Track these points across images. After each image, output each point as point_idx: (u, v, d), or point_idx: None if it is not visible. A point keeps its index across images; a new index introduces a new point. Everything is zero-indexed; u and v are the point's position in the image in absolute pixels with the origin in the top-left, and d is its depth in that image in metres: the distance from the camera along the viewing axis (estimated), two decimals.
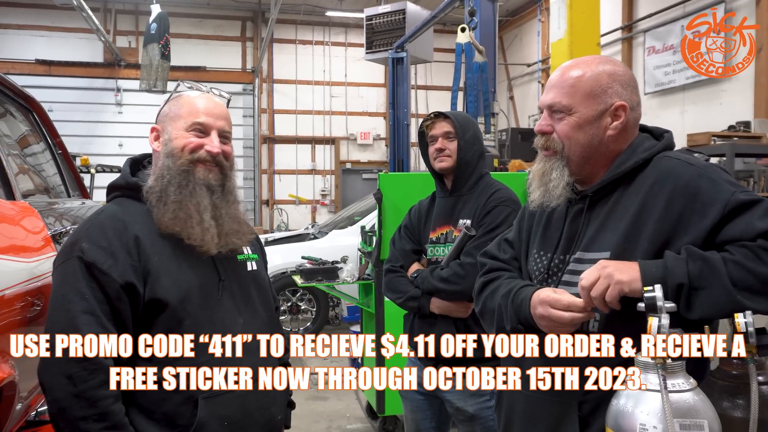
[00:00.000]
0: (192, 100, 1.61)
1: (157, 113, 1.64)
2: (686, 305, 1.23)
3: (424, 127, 2.44)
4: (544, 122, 1.48)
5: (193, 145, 1.56)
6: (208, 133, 1.58)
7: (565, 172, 1.45)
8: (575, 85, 1.44)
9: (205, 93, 1.66)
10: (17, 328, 1.60)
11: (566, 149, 1.45)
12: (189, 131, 1.57)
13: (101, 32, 10.84)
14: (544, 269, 1.51)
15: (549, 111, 1.47)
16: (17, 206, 1.91)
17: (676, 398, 1.10)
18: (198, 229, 1.52)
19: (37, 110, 2.79)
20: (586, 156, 1.45)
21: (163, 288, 1.45)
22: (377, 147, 14.19)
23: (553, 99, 1.46)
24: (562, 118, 1.45)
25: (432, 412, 2.44)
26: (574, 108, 1.43)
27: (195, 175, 1.55)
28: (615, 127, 1.43)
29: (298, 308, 6.99)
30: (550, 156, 1.48)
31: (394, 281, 2.43)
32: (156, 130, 1.61)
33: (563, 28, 4.39)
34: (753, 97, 7.97)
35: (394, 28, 7.60)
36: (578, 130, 1.44)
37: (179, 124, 1.57)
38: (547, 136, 1.48)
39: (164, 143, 1.58)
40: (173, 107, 1.60)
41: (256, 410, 1.55)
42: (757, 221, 1.24)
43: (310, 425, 4.33)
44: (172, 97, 1.63)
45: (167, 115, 1.60)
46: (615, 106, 1.43)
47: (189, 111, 1.58)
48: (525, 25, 13.62)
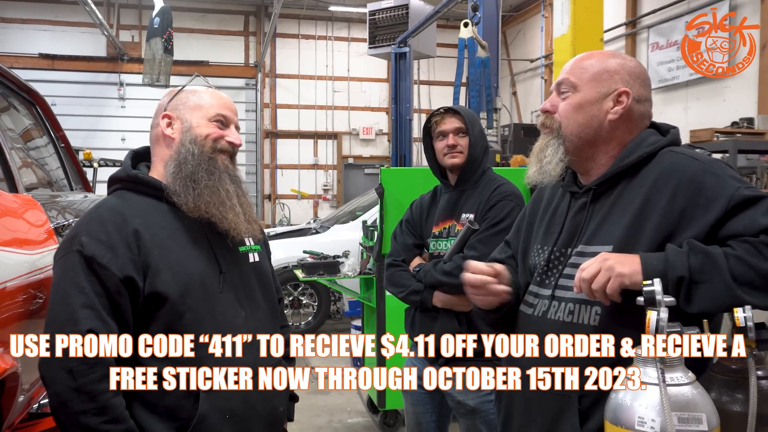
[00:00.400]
0: (213, 93, 1.65)
1: (167, 101, 1.63)
2: (686, 299, 1.23)
3: (432, 122, 2.43)
4: (549, 102, 1.52)
5: (216, 135, 1.59)
6: (228, 125, 1.63)
7: (560, 150, 1.48)
8: (585, 68, 1.49)
9: (217, 90, 1.69)
10: (20, 320, 1.61)
11: (563, 128, 1.48)
12: (212, 121, 1.59)
13: (104, 26, 10.83)
14: (543, 262, 1.51)
15: (557, 90, 1.51)
16: (20, 199, 1.92)
17: (674, 392, 1.10)
18: (232, 213, 1.56)
19: (41, 104, 2.80)
20: (584, 137, 1.47)
21: (163, 282, 1.45)
22: (380, 142, 14.17)
23: (562, 76, 1.50)
24: (567, 97, 1.49)
25: (433, 406, 2.45)
26: (579, 87, 1.48)
27: (218, 164, 1.58)
28: (615, 111, 1.45)
29: (299, 302, 7.00)
30: (548, 134, 1.52)
31: (396, 275, 2.43)
32: (169, 116, 1.61)
33: (566, 23, 4.38)
34: (757, 94, 7.94)
35: (397, 23, 7.58)
36: (578, 110, 1.47)
37: (201, 113, 1.60)
38: (548, 115, 1.52)
39: (183, 130, 1.58)
40: (192, 97, 1.62)
41: (258, 403, 1.55)
42: (761, 217, 1.24)
43: (311, 419, 4.35)
44: (186, 88, 1.65)
45: (185, 104, 1.61)
46: (618, 91, 1.46)
47: (211, 103, 1.62)
48: (528, 21, 13.58)
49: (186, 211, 1.53)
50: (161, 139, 1.61)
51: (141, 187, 1.57)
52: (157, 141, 1.63)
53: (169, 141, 1.59)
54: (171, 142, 1.59)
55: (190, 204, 1.53)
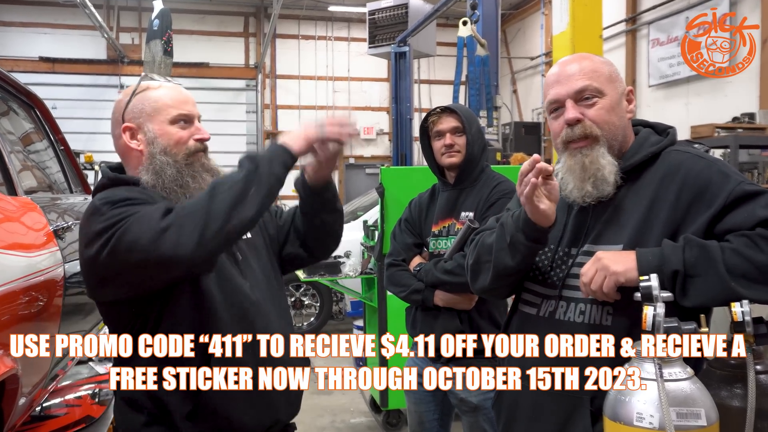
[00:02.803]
0: (167, 91, 1.55)
1: (122, 108, 1.54)
2: (681, 292, 1.23)
3: (429, 122, 2.42)
4: (574, 110, 1.41)
5: (185, 138, 1.53)
6: (191, 121, 1.55)
7: (607, 156, 1.40)
8: (597, 70, 1.44)
9: (168, 83, 1.59)
10: (19, 323, 1.61)
11: (605, 133, 1.41)
12: (174, 124, 1.52)
13: (104, 29, 10.86)
14: (548, 261, 1.50)
15: (574, 100, 1.42)
16: (19, 202, 1.92)
17: (672, 387, 1.10)
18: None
19: (40, 107, 2.80)
20: (619, 139, 1.44)
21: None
22: (380, 142, 14.17)
23: (583, 84, 1.41)
24: (594, 103, 1.42)
25: (435, 404, 2.45)
26: (604, 90, 1.42)
27: (195, 166, 1.53)
28: (631, 110, 1.47)
29: (301, 303, 7.00)
30: (589, 144, 1.41)
31: (396, 275, 2.43)
32: (129, 128, 1.52)
33: (565, 20, 4.37)
34: (758, 89, 7.92)
35: (397, 22, 7.57)
36: (612, 113, 1.43)
37: (161, 118, 1.52)
38: (581, 124, 1.41)
39: (149, 141, 1.51)
40: (147, 101, 1.53)
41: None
42: (759, 210, 1.25)
43: (315, 419, 4.35)
44: (136, 93, 1.55)
45: (142, 111, 1.52)
46: (627, 89, 1.47)
47: (168, 103, 1.53)
48: (528, 18, 13.57)
49: None
50: (128, 151, 1.55)
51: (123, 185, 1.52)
52: (125, 154, 1.56)
53: (137, 154, 1.53)
54: (139, 155, 1.53)
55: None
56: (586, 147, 1.41)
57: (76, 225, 2.24)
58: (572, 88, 1.42)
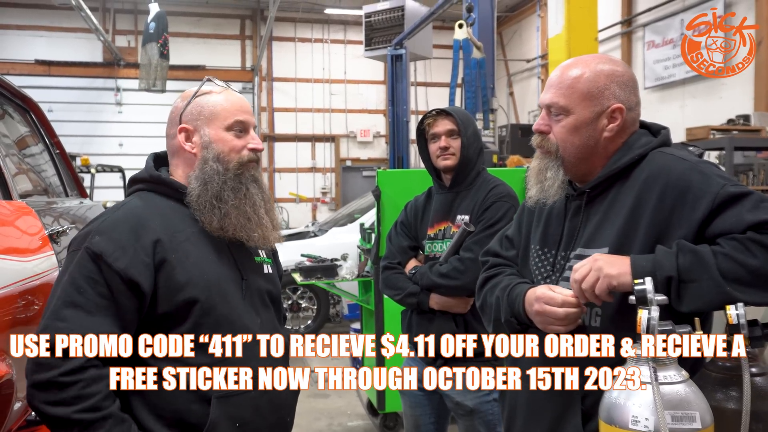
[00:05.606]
0: (227, 97, 1.56)
1: (181, 109, 1.54)
2: (677, 298, 1.24)
3: (425, 124, 2.43)
4: (542, 121, 1.49)
5: (240, 147, 1.53)
6: (247, 131, 1.56)
7: (560, 172, 1.47)
8: (573, 86, 1.43)
9: (228, 89, 1.59)
10: (13, 327, 1.60)
11: (561, 150, 1.46)
12: (229, 131, 1.53)
13: (100, 32, 10.85)
14: (549, 266, 1.51)
15: (547, 110, 1.48)
16: (13, 206, 1.92)
17: (667, 390, 1.10)
18: (259, 231, 1.54)
19: (35, 110, 2.80)
20: (581, 156, 1.45)
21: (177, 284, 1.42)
22: (377, 144, 14.19)
23: (551, 99, 1.46)
24: (560, 119, 1.45)
25: (431, 408, 2.45)
26: (572, 109, 1.43)
27: (245, 176, 1.54)
28: (611, 129, 1.43)
29: (298, 306, 7.00)
30: (545, 155, 1.49)
31: (392, 278, 2.43)
32: (185, 130, 1.53)
33: (561, 23, 4.40)
34: (753, 91, 7.95)
35: (393, 24, 7.59)
36: (574, 133, 1.44)
37: (218, 123, 1.52)
38: (543, 135, 1.49)
39: (203, 145, 1.52)
40: (206, 105, 1.54)
41: (268, 412, 1.53)
42: (747, 213, 1.25)
43: (311, 423, 4.34)
44: (198, 95, 1.56)
45: (201, 113, 1.53)
46: (612, 108, 1.42)
47: (227, 108, 1.54)
48: (524, 21, 13.61)
49: (210, 231, 1.50)
50: (181, 152, 1.55)
51: (163, 189, 1.53)
52: (176, 153, 1.57)
53: (190, 156, 1.53)
54: (192, 157, 1.53)
55: (214, 225, 1.50)
56: (544, 155, 1.50)
57: (71, 229, 2.24)
58: (544, 100, 1.49)
